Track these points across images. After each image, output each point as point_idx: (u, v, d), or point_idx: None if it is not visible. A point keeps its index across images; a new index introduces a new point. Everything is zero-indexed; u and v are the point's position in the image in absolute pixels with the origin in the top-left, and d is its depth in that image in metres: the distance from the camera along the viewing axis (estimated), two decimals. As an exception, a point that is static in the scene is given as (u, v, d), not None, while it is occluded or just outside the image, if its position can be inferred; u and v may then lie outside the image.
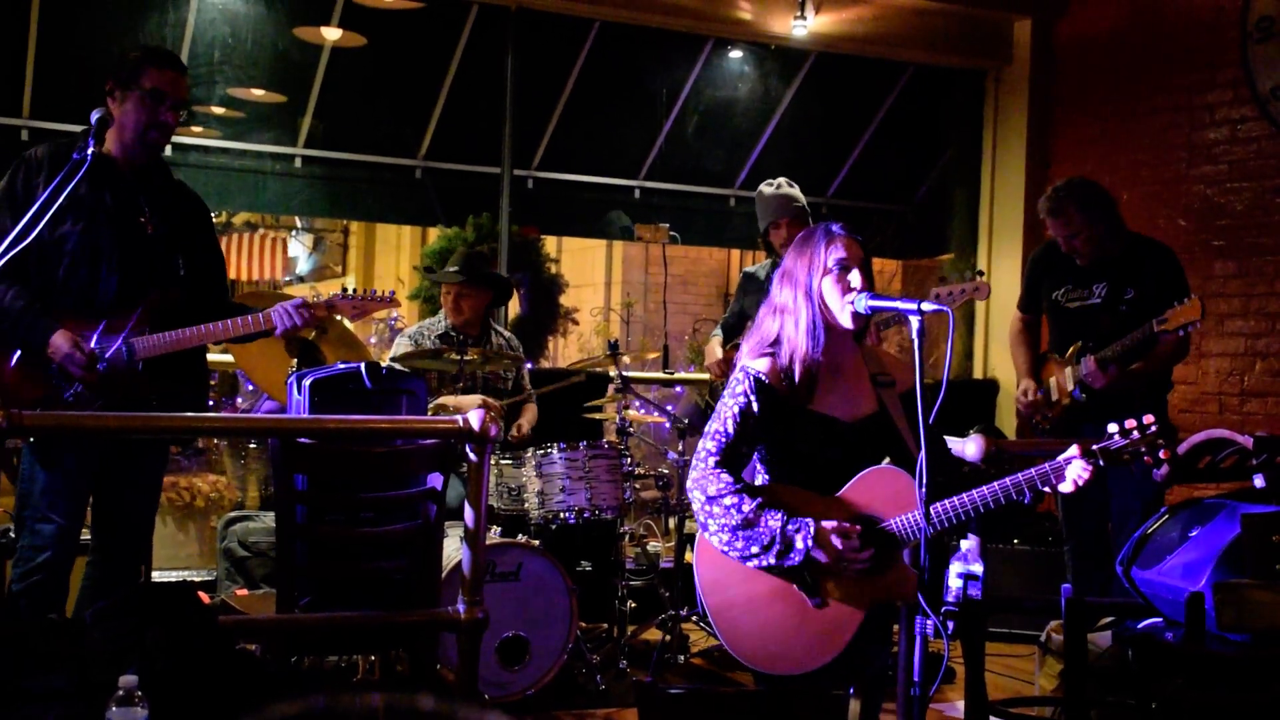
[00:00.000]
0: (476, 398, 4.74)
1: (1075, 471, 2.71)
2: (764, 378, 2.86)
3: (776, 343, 2.91)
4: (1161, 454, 2.72)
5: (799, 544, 2.72)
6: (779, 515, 2.75)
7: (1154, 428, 2.71)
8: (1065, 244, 4.66)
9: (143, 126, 3.59)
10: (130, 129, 3.59)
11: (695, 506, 2.86)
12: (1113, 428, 2.74)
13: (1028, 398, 4.79)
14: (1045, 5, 7.17)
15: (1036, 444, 4.46)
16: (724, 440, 2.84)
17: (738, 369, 2.94)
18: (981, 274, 7.14)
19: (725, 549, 2.81)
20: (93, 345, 3.51)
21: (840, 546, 2.73)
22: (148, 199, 3.67)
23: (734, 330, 5.36)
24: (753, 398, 2.85)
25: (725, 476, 2.81)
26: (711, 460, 2.83)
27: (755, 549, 2.75)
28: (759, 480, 2.95)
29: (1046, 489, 2.74)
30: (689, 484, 2.88)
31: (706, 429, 2.90)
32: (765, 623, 2.83)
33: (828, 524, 2.74)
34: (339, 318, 3.92)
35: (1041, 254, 4.99)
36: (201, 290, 3.74)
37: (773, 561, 2.75)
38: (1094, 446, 2.71)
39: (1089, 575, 4.55)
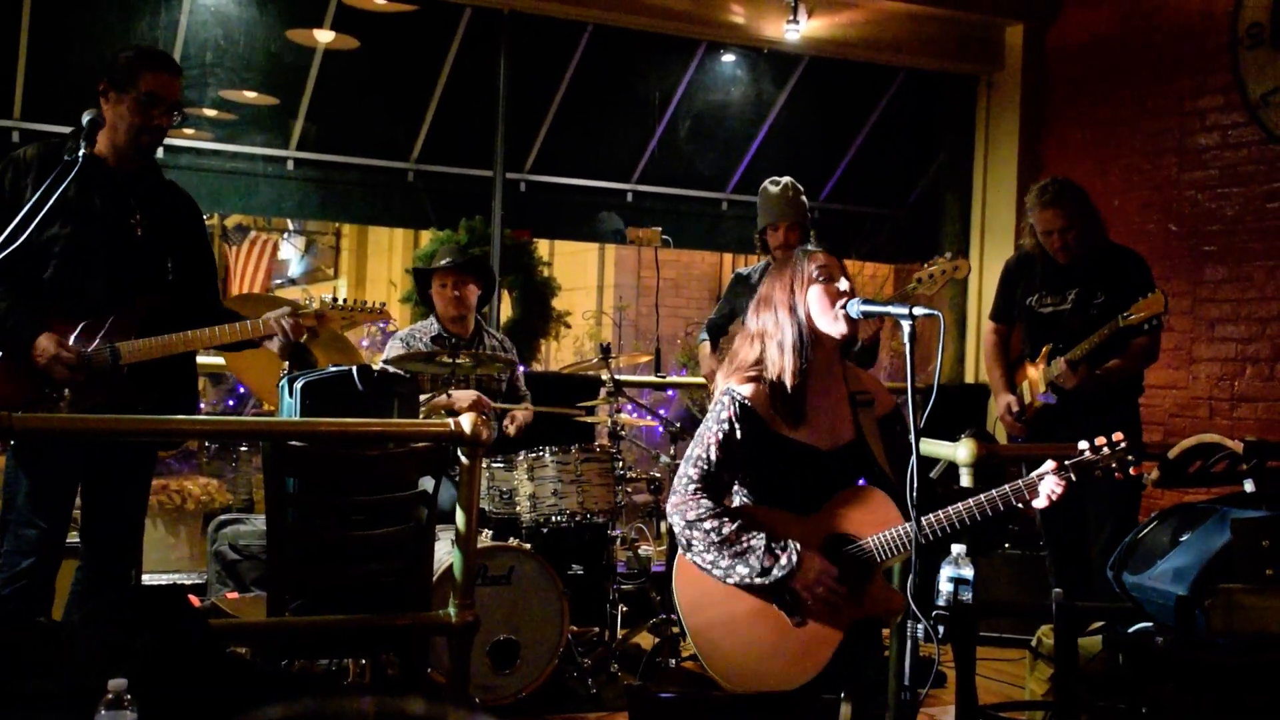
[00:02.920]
0: (471, 393, 4.74)
1: (1048, 487, 2.75)
2: (749, 403, 2.83)
3: (759, 364, 2.87)
4: (1132, 470, 2.79)
5: (783, 560, 2.71)
6: (760, 535, 2.74)
7: (1123, 444, 2.79)
8: (1058, 238, 4.62)
9: (136, 130, 3.52)
10: (123, 131, 3.51)
11: (676, 531, 2.83)
12: (1083, 445, 2.80)
13: (1012, 412, 4.81)
14: (1037, 11, 7.20)
15: (1027, 449, 4.47)
16: (705, 468, 2.81)
17: (720, 391, 2.89)
18: (962, 254, 7.16)
19: (709, 568, 2.78)
20: (77, 348, 3.42)
21: (820, 578, 2.72)
22: (138, 201, 3.59)
23: (720, 330, 5.35)
24: (736, 424, 2.81)
25: (705, 501, 2.77)
26: (692, 487, 2.80)
27: (739, 567, 2.73)
28: (737, 501, 2.92)
29: (1020, 505, 2.75)
30: (669, 508, 2.84)
31: (688, 453, 2.86)
32: (745, 643, 2.80)
33: (809, 554, 2.74)
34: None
35: (1014, 263, 5.00)
36: (190, 293, 3.67)
37: (756, 579, 2.72)
38: (1066, 462, 2.77)
39: (1069, 580, 4.58)
